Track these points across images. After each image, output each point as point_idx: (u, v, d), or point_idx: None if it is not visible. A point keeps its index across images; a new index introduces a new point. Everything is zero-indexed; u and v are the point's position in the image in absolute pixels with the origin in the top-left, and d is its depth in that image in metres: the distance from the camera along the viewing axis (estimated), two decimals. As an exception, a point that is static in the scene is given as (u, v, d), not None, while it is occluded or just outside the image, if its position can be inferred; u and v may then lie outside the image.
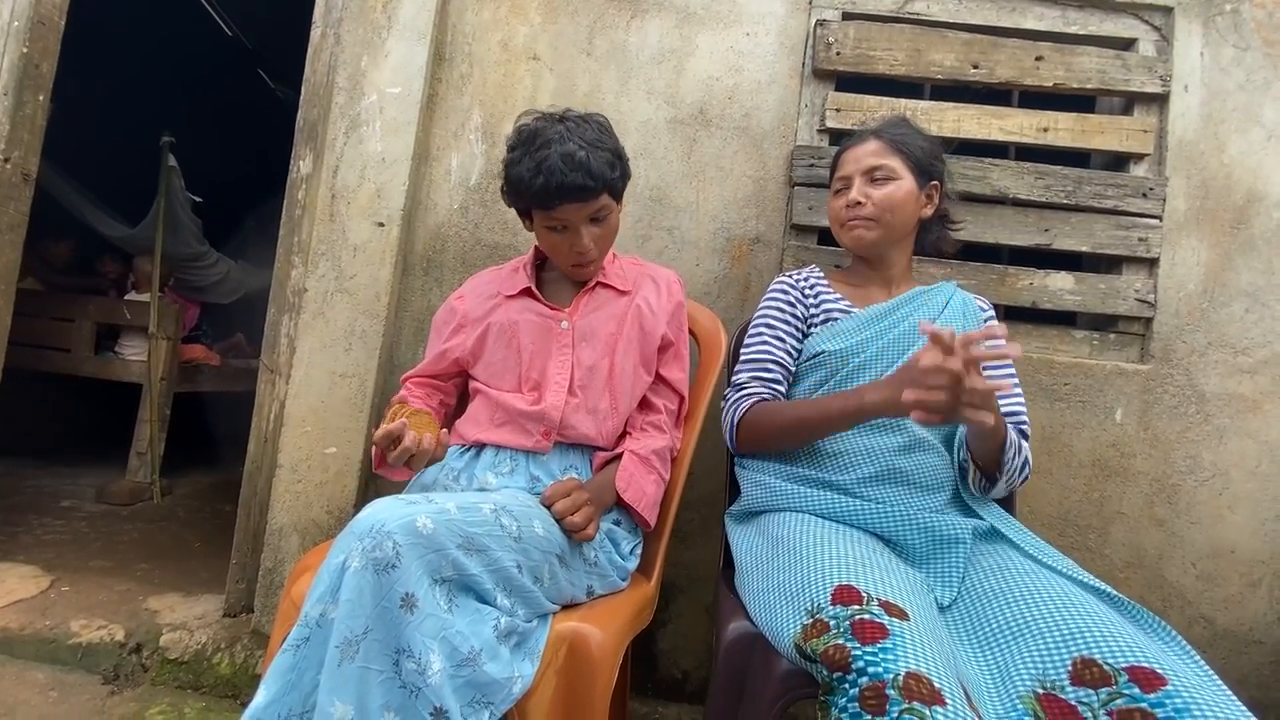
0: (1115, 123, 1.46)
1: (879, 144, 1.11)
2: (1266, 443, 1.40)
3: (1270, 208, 1.43)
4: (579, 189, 0.97)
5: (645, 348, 1.10)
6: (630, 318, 1.10)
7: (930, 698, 0.64)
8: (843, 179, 1.14)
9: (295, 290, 1.52)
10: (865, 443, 1.00)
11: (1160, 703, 0.65)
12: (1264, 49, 1.45)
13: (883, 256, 1.14)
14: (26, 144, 1.66)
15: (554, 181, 0.96)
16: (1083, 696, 0.68)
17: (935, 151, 1.13)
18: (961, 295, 1.13)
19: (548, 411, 1.03)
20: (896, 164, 1.09)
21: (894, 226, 1.10)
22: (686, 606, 1.45)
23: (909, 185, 1.09)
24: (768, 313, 1.15)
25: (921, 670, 0.66)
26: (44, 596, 1.60)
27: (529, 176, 0.97)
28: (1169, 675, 0.67)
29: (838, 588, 0.78)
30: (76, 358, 2.88)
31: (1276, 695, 1.38)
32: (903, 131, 1.12)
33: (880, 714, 0.64)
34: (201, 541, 2.19)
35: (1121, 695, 0.66)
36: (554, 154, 0.95)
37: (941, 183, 1.14)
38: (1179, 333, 1.42)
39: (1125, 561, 1.41)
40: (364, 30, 1.49)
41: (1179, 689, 0.65)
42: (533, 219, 1.06)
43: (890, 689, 0.65)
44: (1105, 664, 0.69)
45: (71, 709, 1.31)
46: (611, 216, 1.06)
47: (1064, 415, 1.42)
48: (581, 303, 1.11)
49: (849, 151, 1.14)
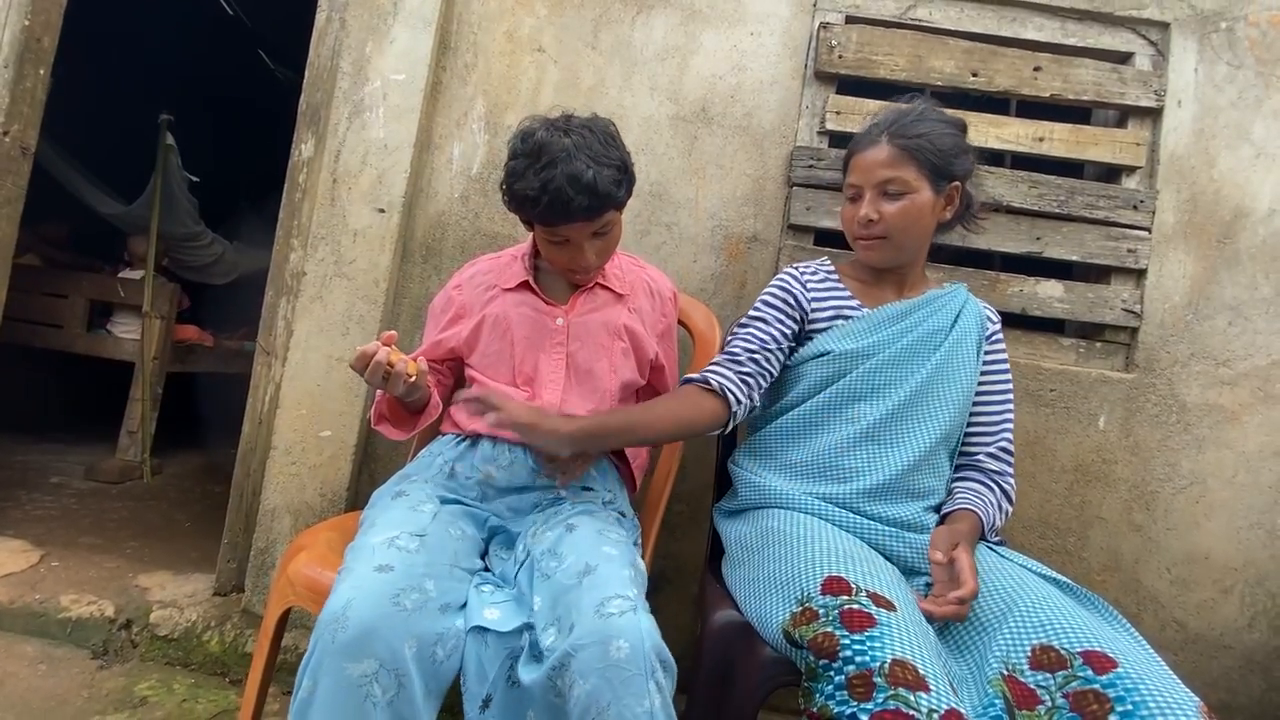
0: (1109, 135, 1.48)
1: (891, 152, 1.01)
2: (1244, 453, 1.44)
3: (1256, 224, 1.46)
4: (585, 210, 0.96)
5: (639, 354, 1.12)
6: (623, 332, 1.11)
7: (915, 684, 0.67)
8: (854, 187, 1.07)
9: (294, 273, 1.52)
10: (867, 457, 1.01)
11: (1111, 683, 0.69)
12: (1256, 67, 1.48)
13: (897, 265, 1.10)
14: (26, 118, 1.65)
15: (559, 203, 0.94)
16: (1041, 680, 0.73)
17: (957, 148, 1.03)
18: (974, 305, 1.10)
19: (543, 408, 1.04)
20: (910, 174, 1.01)
21: (907, 243, 1.05)
22: (673, 597, 1.47)
23: (924, 197, 1.02)
24: (760, 307, 1.12)
25: (907, 657, 0.69)
26: (34, 571, 1.61)
27: (534, 195, 0.95)
28: (1119, 658, 0.71)
29: (828, 578, 0.80)
30: (69, 334, 2.87)
31: (1244, 699, 1.42)
32: (920, 132, 1.01)
33: (867, 700, 0.67)
34: (191, 521, 2.19)
35: (1076, 677, 0.71)
36: (560, 174, 0.93)
37: (964, 180, 1.06)
38: (1163, 343, 1.45)
39: (1102, 565, 1.44)
40: (369, 15, 1.50)
41: (1128, 671, 0.70)
42: (534, 226, 1.06)
43: (877, 676, 0.68)
44: (1062, 649, 0.74)
45: (60, 682, 1.32)
46: (615, 229, 1.05)
47: (1049, 420, 1.44)
48: (578, 302, 1.11)
49: (860, 156, 1.06)
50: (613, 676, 0.71)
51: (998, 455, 1.07)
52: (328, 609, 0.75)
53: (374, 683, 0.72)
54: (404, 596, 0.77)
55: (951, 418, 1.03)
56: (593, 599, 0.77)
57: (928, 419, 1.01)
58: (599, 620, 0.74)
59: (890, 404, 1.01)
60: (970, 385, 1.05)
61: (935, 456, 1.03)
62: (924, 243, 1.09)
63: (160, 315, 2.76)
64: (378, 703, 0.72)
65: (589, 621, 0.74)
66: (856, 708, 0.66)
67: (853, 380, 1.03)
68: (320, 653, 0.74)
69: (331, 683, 0.72)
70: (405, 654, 0.74)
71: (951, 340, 1.04)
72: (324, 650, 0.73)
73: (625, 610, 0.76)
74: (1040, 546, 1.44)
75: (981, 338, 1.09)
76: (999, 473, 1.07)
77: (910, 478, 1.00)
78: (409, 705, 0.74)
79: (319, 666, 0.73)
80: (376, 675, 0.72)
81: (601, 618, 0.75)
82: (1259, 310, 1.45)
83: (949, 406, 1.02)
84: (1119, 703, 0.68)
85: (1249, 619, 1.43)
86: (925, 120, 1.03)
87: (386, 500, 0.98)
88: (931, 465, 1.02)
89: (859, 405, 1.03)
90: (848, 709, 0.67)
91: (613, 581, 0.80)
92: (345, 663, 0.72)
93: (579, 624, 0.75)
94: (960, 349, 1.05)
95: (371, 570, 0.79)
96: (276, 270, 1.55)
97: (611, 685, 0.71)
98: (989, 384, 1.09)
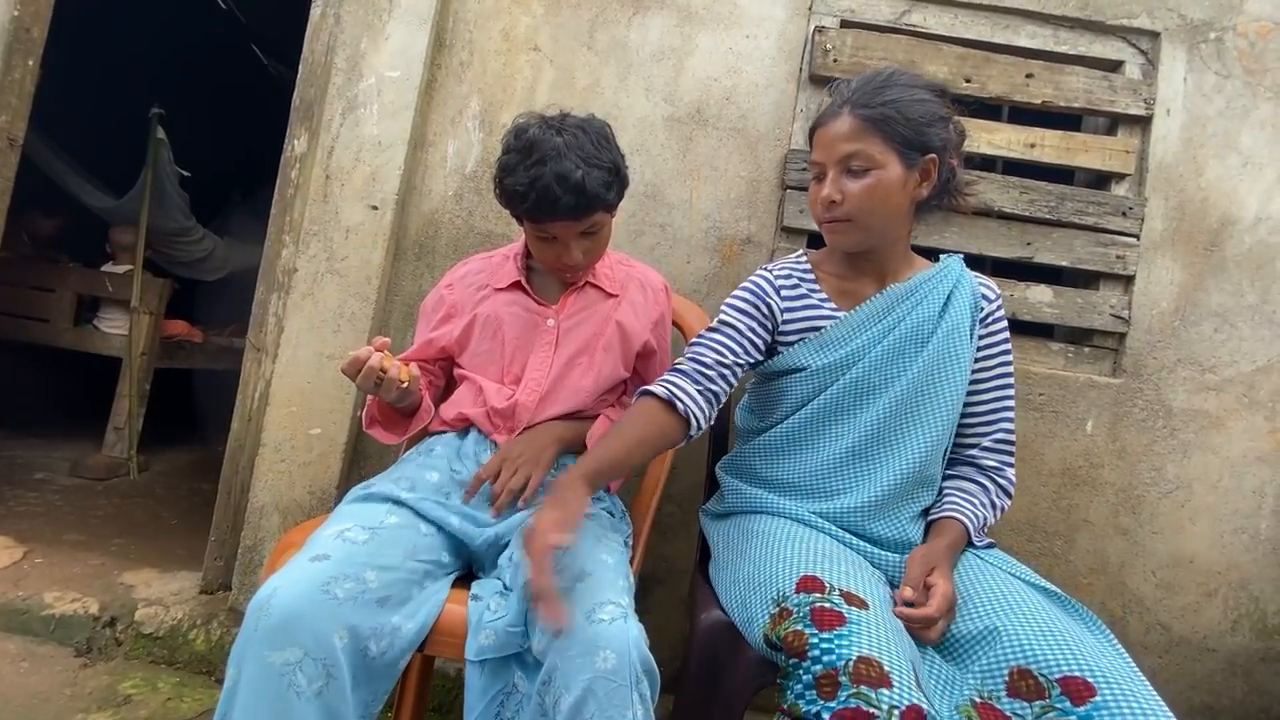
0: (1099, 142, 1.50)
1: (853, 123, 0.91)
2: (1228, 458, 1.45)
3: (1242, 232, 1.48)
4: (571, 209, 0.96)
5: (625, 354, 1.12)
6: (613, 324, 1.11)
7: (878, 680, 0.66)
8: (817, 164, 0.96)
9: (285, 270, 1.51)
10: (855, 476, 0.96)
11: (1088, 715, 0.68)
12: (1245, 77, 1.50)
13: (872, 249, 0.99)
14: (14, 109, 1.63)
15: (546, 200, 0.95)
16: (1017, 709, 0.72)
17: (929, 116, 0.92)
18: (968, 281, 0.99)
19: (517, 410, 1.05)
20: (875, 148, 0.90)
21: (876, 225, 0.94)
22: (664, 598, 1.47)
23: (893, 172, 0.90)
24: (731, 313, 1.02)
25: (872, 654, 0.69)
26: (16, 568, 1.59)
27: (522, 190, 0.96)
28: (1098, 684, 0.70)
29: (803, 578, 0.80)
30: (55, 328, 2.83)
31: (1227, 701, 1.44)
32: (883, 102, 0.90)
33: (831, 699, 0.67)
34: (178, 518, 2.17)
35: (1053, 709, 0.70)
36: (549, 172, 0.94)
37: (940, 152, 0.93)
38: (1150, 349, 1.47)
39: (1089, 568, 1.45)
40: (365, 12, 1.49)
41: (1106, 699, 0.69)
42: (523, 222, 1.06)
43: (842, 675, 0.68)
44: (1040, 675, 0.72)
45: (43, 680, 1.30)
46: (604, 230, 1.05)
47: (1037, 425, 1.46)
48: (569, 301, 1.11)
49: (822, 129, 0.95)
50: (598, 688, 0.71)
51: (995, 448, 1.00)
52: (255, 596, 0.75)
53: (297, 671, 0.71)
54: (335, 585, 0.76)
55: (943, 423, 0.95)
56: (584, 605, 0.77)
57: (917, 426, 0.94)
58: (589, 626, 0.74)
59: (876, 413, 0.94)
60: (963, 382, 0.97)
61: (929, 468, 0.96)
62: (898, 223, 0.97)
63: (149, 310, 2.73)
64: (302, 692, 0.71)
65: (578, 628, 0.74)
66: (822, 706, 0.66)
67: (835, 394, 0.96)
68: (244, 640, 0.73)
69: (254, 670, 0.72)
70: (335, 644, 0.73)
71: (941, 331, 0.95)
72: (247, 638, 0.73)
73: (616, 618, 0.76)
74: (1028, 550, 1.45)
75: (975, 320, 0.98)
76: (995, 468, 1.00)
77: (902, 493, 0.95)
78: (340, 698, 0.73)
79: (243, 654, 0.73)
80: (300, 664, 0.71)
81: (591, 624, 0.75)
82: (1245, 317, 1.47)
83: (940, 410, 0.95)
84: None
85: (1232, 622, 1.44)
86: (893, 86, 0.92)
87: (358, 494, 0.97)
88: (924, 477, 0.97)
89: (843, 421, 0.96)
90: (815, 708, 0.67)
91: (605, 588, 0.80)
92: (267, 650, 0.71)
93: (568, 629, 0.75)
94: (951, 340, 0.95)
95: (307, 560, 0.78)
96: (268, 266, 1.54)
97: (597, 697, 0.71)
98: (985, 369, 1.00)
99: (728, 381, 0.98)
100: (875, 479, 0.94)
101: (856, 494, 0.95)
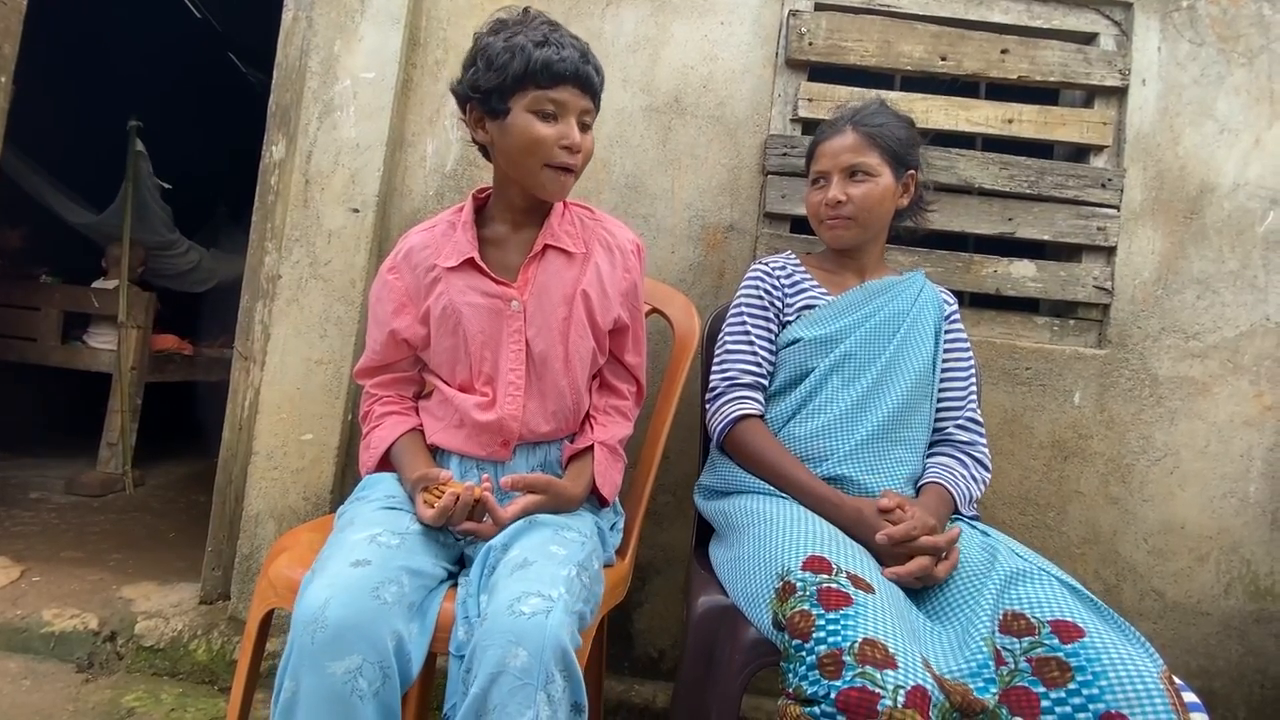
0: (1076, 115, 1.50)
1: (856, 138, 1.09)
2: (1215, 424, 1.47)
3: (1221, 199, 1.49)
4: (583, 75, 0.91)
5: (598, 334, 1.04)
6: (579, 302, 1.01)
7: (883, 662, 0.68)
8: (820, 173, 1.13)
9: (269, 277, 1.51)
10: (842, 437, 1.05)
11: (1075, 652, 0.71)
12: (1218, 44, 1.51)
13: (859, 247, 1.16)
14: (-13, 126, 1.62)
15: (562, 55, 0.88)
16: (1007, 644, 0.74)
17: (912, 139, 1.13)
18: (931, 290, 1.16)
19: (505, 423, 0.98)
20: (874, 160, 1.09)
21: (872, 224, 1.12)
22: (662, 587, 1.48)
23: (886, 181, 1.10)
24: (744, 310, 1.16)
25: (877, 637, 0.70)
26: (14, 586, 1.58)
27: (531, 46, 0.88)
28: (1087, 628, 0.73)
29: (810, 557, 0.82)
30: (43, 346, 2.82)
31: (1223, 664, 1.46)
32: (880, 123, 1.10)
33: (836, 678, 0.68)
34: (176, 531, 2.17)
35: (1042, 644, 0.73)
36: (561, 31, 0.91)
37: (918, 170, 1.15)
38: (1134, 318, 1.48)
39: (1081, 538, 1.47)
40: (337, 14, 1.48)
41: (1093, 641, 0.71)
42: (505, 115, 0.93)
43: (847, 655, 0.69)
44: (1032, 617, 0.76)
45: (45, 697, 1.30)
46: (591, 132, 0.98)
47: (1025, 398, 1.47)
48: (529, 273, 1.00)
49: (826, 144, 1.13)
50: (503, 683, 0.69)
51: (965, 426, 1.13)
52: (304, 608, 0.74)
53: (359, 676, 0.71)
54: (383, 590, 0.76)
55: (908, 385, 1.08)
56: (510, 594, 0.75)
57: (890, 389, 1.07)
58: (508, 618, 0.72)
59: (862, 386, 1.07)
60: (927, 358, 1.11)
61: (903, 424, 1.07)
62: (885, 226, 1.17)
63: (137, 325, 2.72)
64: (364, 695, 0.71)
65: (498, 619, 0.73)
66: (827, 686, 0.67)
67: (829, 368, 1.08)
68: (299, 654, 0.73)
69: (314, 681, 0.71)
70: (388, 647, 0.73)
71: (909, 322, 1.11)
72: (303, 651, 0.72)
73: (538, 611, 0.72)
74: (1020, 522, 1.47)
75: (940, 319, 1.14)
76: (969, 443, 1.12)
77: (882, 437, 1.05)
78: (393, 696, 0.73)
79: (299, 667, 0.72)
80: (360, 669, 0.71)
81: (511, 615, 0.72)
82: (1226, 283, 1.48)
83: (907, 376, 1.08)
84: (1079, 671, 0.69)
85: (1224, 586, 1.46)
86: (882, 113, 1.13)
87: (373, 499, 0.95)
88: (900, 436, 1.07)
89: (834, 395, 1.07)
90: (820, 688, 0.68)
91: (539, 580, 0.77)
92: (327, 661, 0.71)
93: (489, 619, 0.73)
94: (917, 328, 1.12)
95: (347, 566, 0.78)
96: (252, 274, 1.54)
97: (500, 690, 0.69)
98: (952, 362, 1.15)
99: (761, 371, 1.13)
100: (858, 430, 1.05)
101: (840, 451, 1.04)
